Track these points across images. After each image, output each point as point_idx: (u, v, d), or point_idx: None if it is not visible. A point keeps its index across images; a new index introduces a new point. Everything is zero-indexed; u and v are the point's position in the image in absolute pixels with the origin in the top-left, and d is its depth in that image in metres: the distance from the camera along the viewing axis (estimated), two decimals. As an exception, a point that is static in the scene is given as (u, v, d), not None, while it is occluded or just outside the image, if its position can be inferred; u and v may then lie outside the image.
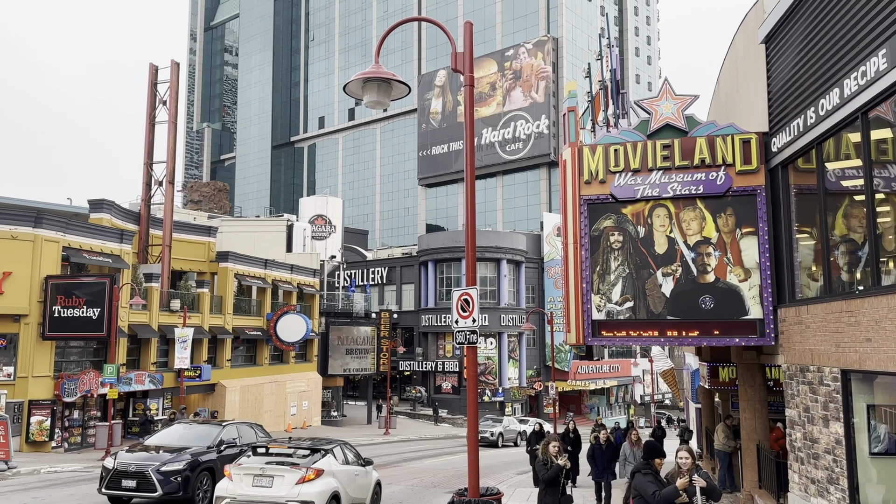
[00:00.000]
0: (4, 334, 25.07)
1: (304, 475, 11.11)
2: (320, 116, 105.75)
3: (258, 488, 11.01)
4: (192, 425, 15.92)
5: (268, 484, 11.05)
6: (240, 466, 11.47)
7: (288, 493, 10.86)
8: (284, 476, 11.10)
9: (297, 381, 41.05)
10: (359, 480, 12.65)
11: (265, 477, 11.14)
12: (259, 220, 57.07)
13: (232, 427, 15.66)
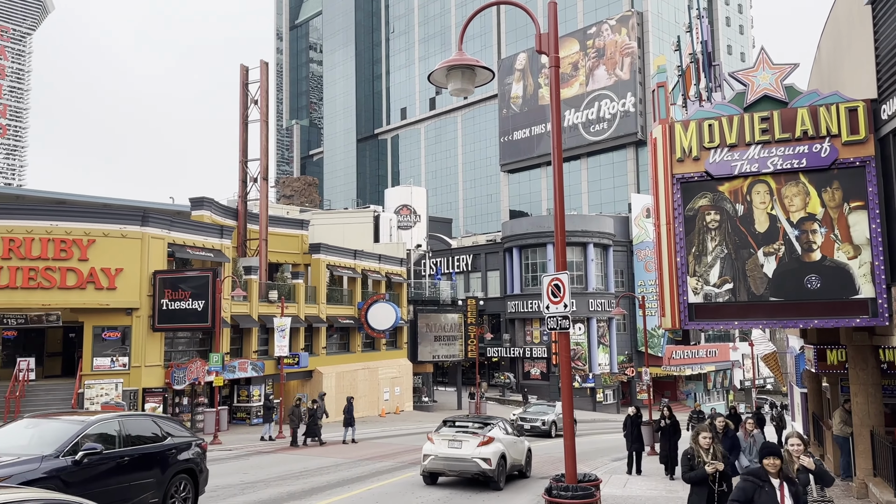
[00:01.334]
0: (118, 327, 26.96)
1: (481, 440, 15.17)
2: (402, 108, 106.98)
3: (452, 448, 15.17)
4: (39, 422, 10.12)
5: (458, 446, 15.17)
6: (438, 434, 15.72)
7: (472, 453, 14.93)
8: (469, 441, 15.18)
9: (388, 368, 42.00)
10: (517, 446, 16.82)
11: (456, 441, 15.27)
12: (347, 213, 58.53)
13: (110, 422, 10.04)
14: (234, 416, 31.42)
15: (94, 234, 26.39)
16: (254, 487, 14.81)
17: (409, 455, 21.31)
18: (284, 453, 21.94)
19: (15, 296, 25.28)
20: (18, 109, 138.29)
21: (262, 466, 18.41)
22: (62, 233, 25.94)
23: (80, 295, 25.99)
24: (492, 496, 14.32)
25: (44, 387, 26.61)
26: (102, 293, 26.28)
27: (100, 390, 25.92)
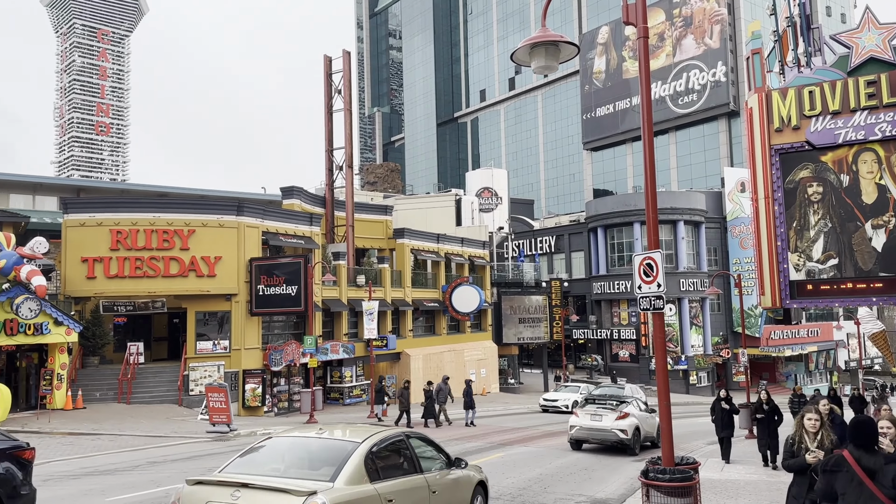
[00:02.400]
0: (218, 312, 28.40)
1: (619, 415, 18.02)
2: (481, 90, 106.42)
3: (594, 421, 18.09)
4: None
5: (598, 419, 18.05)
6: (582, 409, 18.72)
7: (611, 425, 17.78)
8: (608, 415, 18.08)
9: (473, 350, 42.30)
10: (649, 421, 19.12)
11: (597, 415, 18.13)
12: (429, 197, 59.01)
13: None
14: (328, 396, 32.55)
15: (193, 225, 27.83)
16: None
17: (526, 431, 21.59)
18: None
19: (124, 284, 27.07)
20: (120, 108, 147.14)
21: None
22: (164, 224, 27.49)
23: (183, 282, 27.53)
24: (627, 458, 17.19)
25: (152, 370, 28.45)
26: (203, 280, 27.73)
27: (203, 372, 27.46)
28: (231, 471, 6.87)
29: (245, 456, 7.25)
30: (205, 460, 15.91)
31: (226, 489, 6.32)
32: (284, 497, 6.08)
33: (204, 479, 6.62)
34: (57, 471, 14.40)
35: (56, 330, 23.78)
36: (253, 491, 6.19)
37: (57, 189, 42.38)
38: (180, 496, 6.58)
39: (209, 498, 6.32)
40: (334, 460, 6.82)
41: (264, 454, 7.27)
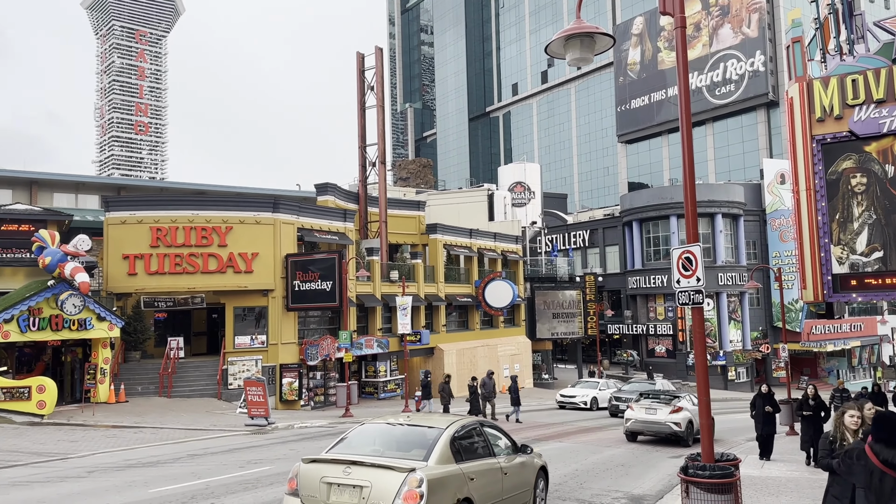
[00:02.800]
0: (255, 307, 28.84)
1: (672, 409, 18.88)
2: (513, 83, 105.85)
3: (648, 414, 19.02)
4: None
5: (653, 413, 18.92)
6: (637, 403, 19.75)
7: (665, 418, 18.63)
8: (662, 409, 18.97)
9: (507, 345, 42.22)
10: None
11: (651, 409, 19.09)
12: (461, 192, 58.97)
13: None
14: (363, 390, 32.83)
15: (231, 222, 28.28)
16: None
17: (561, 427, 21.51)
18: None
19: (164, 280, 27.66)
20: (158, 108, 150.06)
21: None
22: (203, 221, 27.99)
23: (221, 278, 28.01)
24: (664, 455, 17.12)
25: (192, 364, 29.03)
26: (241, 276, 28.18)
27: (241, 367, 27.93)
28: (336, 452, 7.88)
29: (343, 440, 8.24)
30: (244, 453, 16.20)
31: (337, 466, 7.39)
32: (389, 473, 7.16)
33: (318, 458, 7.68)
34: (102, 462, 14.81)
35: (99, 325, 24.43)
36: (361, 468, 7.27)
37: (98, 188, 43.49)
38: (298, 472, 7.63)
39: (324, 474, 7.41)
40: (423, 444, 7.86)
41: (360, 438, 8.25)
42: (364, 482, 7.15)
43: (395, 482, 7.08)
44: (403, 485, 7.04)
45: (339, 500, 7.21)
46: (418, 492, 7.00)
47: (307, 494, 7.43)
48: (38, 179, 40.52)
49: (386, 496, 7.02)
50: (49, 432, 19.37)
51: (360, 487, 7.14)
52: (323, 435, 20.09)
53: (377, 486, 7.10)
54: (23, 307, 22.70)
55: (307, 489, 7.45)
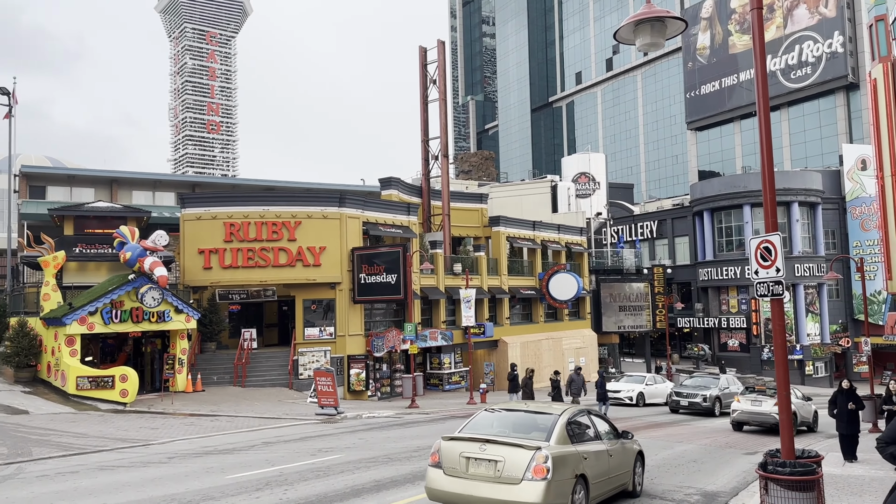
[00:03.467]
0: (323, 300, 29.48)
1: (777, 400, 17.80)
2: (577, 72, 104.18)
3: (754, 406, 20.56)
4: None
5: (758, 404, 20.54)
6: (744, 396, 21.36)
7: (770, 409, 19.87)
8: (767, 401, 20.38)
9: (572, 338, 41.75)
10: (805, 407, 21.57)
11: (757, 401, 20.67)
12: (524, 184, 58.56)
13: None
14: (428, 382, 33.13)
15: (299, 217, 28.99)
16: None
17: (629, 422, 21.25)
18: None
19: (237, 274, 28.61)
20: (228, 107, 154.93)
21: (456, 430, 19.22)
22: (273, 216, 28.79)
23: (291, 272, 28.76)
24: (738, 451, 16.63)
25: (264, 354, 29.94)
26: (309, 269, 28.86)
27: (311, 357, 28.64)
28: (467, 432, 9.19)
29: (470, 423, 9.53)
30: (315, 441, 16.62)
31: (473, 443, 8.71)
32: (519, 450, 8.46)
33: (455, 436, 9.00)
34: (181, 449, 15.47)
35: (177, 317, 25.49)
36: (495, 445, 8.58)
37: (174, 185, 45.31)
38: (440, 448, 8.97)
39: (462, 450, 8.73)
40: (543, 427, 9.13)
41: (484, 422, 9.55)
42: (498, 457, 8.43)
43: (524, 458, 8.35)
44: (532, 460, 8.30)
45: (477, 472, 8.52)
46: (545, 466, 8.25)
47: (449, 466, 8.76)
48: (118, 178, 42.53)
49: (517, 469, 8.31)
50: (131, 419, 20.37)
51: (495, 461, 8.43)
52: (391, 425, 20.39)
53: (509, 460, 8.38)
54: (106, 300, 23.91)
55: (448, 462, 8.78)
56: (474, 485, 8.47)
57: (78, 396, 23.01)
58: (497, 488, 8.33)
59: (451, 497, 8.70)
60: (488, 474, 8.45)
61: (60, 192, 40.48)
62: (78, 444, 15.65)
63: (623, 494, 10.71)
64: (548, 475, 8.21)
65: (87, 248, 29.30)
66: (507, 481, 8.32)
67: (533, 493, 8.15)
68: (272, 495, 10.68)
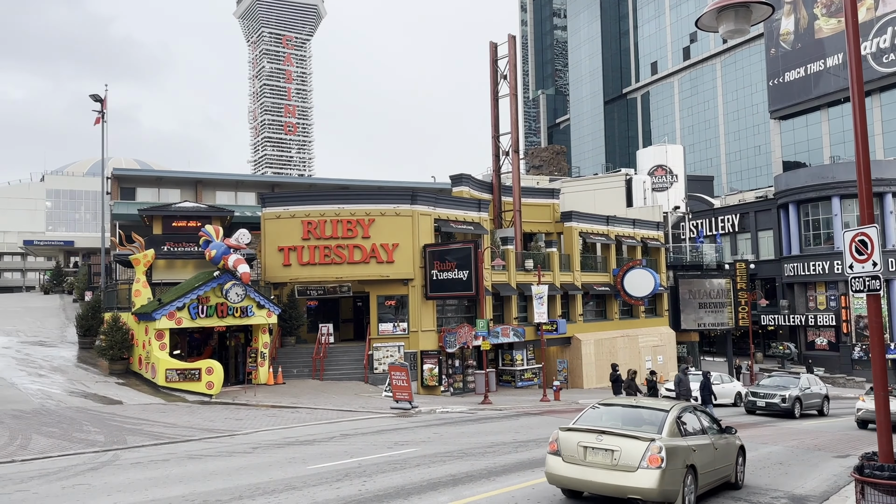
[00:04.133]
0: (396, 296, 29.89)
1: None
2: (652, 62, 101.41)
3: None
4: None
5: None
6: (868, 395, 21.05)
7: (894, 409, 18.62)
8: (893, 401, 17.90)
9: (648, 336, 40.76)
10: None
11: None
12: (597, 178, 57.53)
13: None
14: (500, 378, 33.09)
15: (373, 214, 29.50)
16: (526, 446, 15.47)
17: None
18: (560, 415, 22.52)
19: (314, 271, 29.39)
20: (304, 109, 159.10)
21: (531, 427, 19.15)
22: (348, 214, 29.42)
23: (365, 268, 29.32)
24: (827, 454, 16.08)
25: (341, 349, 30.65)
26: (383, 266, 29.34)
27: (385, 352, 29.12)
28: (582, 423, 9.96)
29: (583, 416, 10.33)
30: (391, 435, 16.90)
31: (590, 434, 9.49)
32: (634, 441, 9.19)
33: (572, 427, 9.82)
34: (264, 440, 16.05)
35: (259, 312, 26.42)
36: (611, 436, 9.35)
37: (254, 185, 46.94)
38: (558, 437, 9.80)
39: (580, 439, 9.52)
40: (653, 421, 9.84)
41: (596, 415, 10.31)
42: (614, 447, 9.18)
43: (640, 448, 9.08)
44: (647, 450, 9.02)
45: (594, 460, 9.29)
46: (659, 456, 8.95)
47: (567, 454, 9.58)
48: (202, 179, 44.42)
49: (633, 458, 9.04)
50: (217, 410, 21.27)
51: (612, 451, 9.19)
52: (464, 421, 20.50)
53: (625, 450, 9.11)
54: (193, 296, 25.04)
55: (566, 450, 9.61)
56: (592, 471, 9.27)
57: (167, 388, 24.22)
58: (614, 475, 9.09)
59: (571, 482, 9.57)
60: (605, 462, 9.20)
61: (149, 193, 42.65)
62: (168, 434, 16.48)
63: (726, 486, 11.30)
64: (662, 464, 8.92)
65: (175, 247, 30.75)
66: (623, 469, 9.06)
67: (649, 479, 8.90)
68: (352, 486, 10.93)
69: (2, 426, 16.84)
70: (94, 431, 16.49)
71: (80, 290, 41.56)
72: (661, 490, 8.93)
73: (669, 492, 9.07)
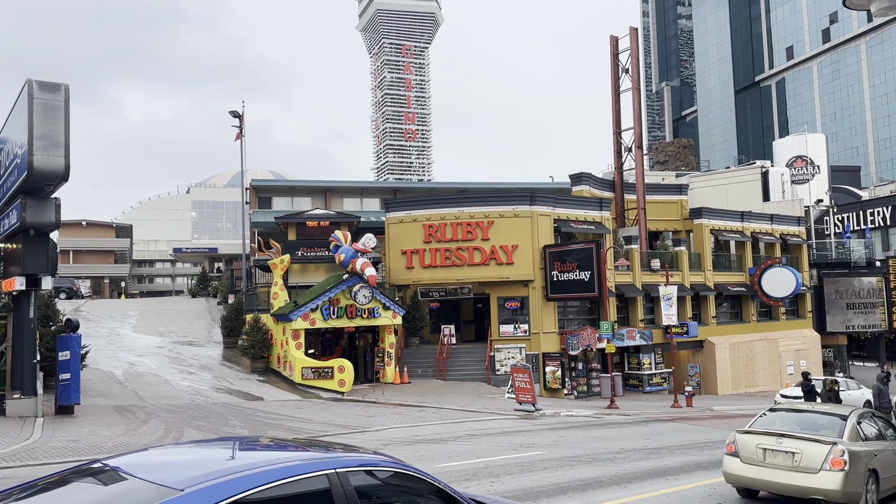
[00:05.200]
0: (516, 297, 29.81)
1: None
2: (787, 47, 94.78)
3: None
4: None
5: None
6: None
7: None
8: None
9: (790, 339, 38.07)
10: None
11: None
12: (728, 172, 54.47)
13: None
14: (626, 382, 32.12)
15: (492, 216, 29.63)
16: (658, 453, 14.93)
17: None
18: (694, 423, 21.59)
19: (436, 273, 29.96)
20: (423, 115, 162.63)
21: (662, 434, 18.44)
22: (467, 217, 29.74)
23: (485, 270, 29.50)
24: None
25: (463, 350, 31.02)
26: (502, 268, 29.39)
27: (507, 354, 29.14)
28: (758, 427, 10.34)
29: (758, 420, 10.72)
30: (516, 436, 16.89)
31: (768, 437, 9.84)
32: (815, 444, 9.44)
33: (749, 430, 10.29)
34: (394, 437, 16.55)
35: (385, 314, 27.31)
36: (790, 439, 9.64)
37: (378, 192, 48.58)
38: (735, 440, 10.17)
39: (758, 442, 9.87)
40: (832, 425, 10.08)
41: (770, 420, 10.59)
42: (795, 450, 9.47)
43: (821, 451, 9.30)
44: (829, 453, 9.22)
45: (774, 461, 9.61)
46: (842, 459, 9.16)
47: (746, 456, 9.93)
48: (331, 187, 46.54)
49: (815, 461, 9.29)
50: (349, 407, 22.19)
51: (792, 453, 9.48)
52: (590, 425, 20.09)
53: (807, 453, 9.38)
54: (325, 298, 26.30)
55: (745, 452, 9.96)
56: (772, 472, 9.60)
57: (303, 385, 25.58)
58: (795, 476, 9.39)
59: (750, 481, 9.97)
60: (785, 464, 9.50)
61: (283, 201, 45.26)
62: (305, 429, 17.40)
63: None
64: (845, 467, 9.11)
65: (308, 252, 32.46)
66: (805, 470, 9.31)
67: (832, 481, 9.12)
68: (480, 486, 11.02)
69: (158, 419, 18.51)
70: (239, 426, 17.72)
71: (223, 293, 44.82)
72: (845, 492, 9.11)
73: (853, 494, 9.21)
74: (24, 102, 16.79)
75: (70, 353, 19.04)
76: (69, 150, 16.92)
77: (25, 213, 17.18)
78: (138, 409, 20.45)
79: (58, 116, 16.84)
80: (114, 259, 74.44)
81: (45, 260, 18.20)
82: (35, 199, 17.43)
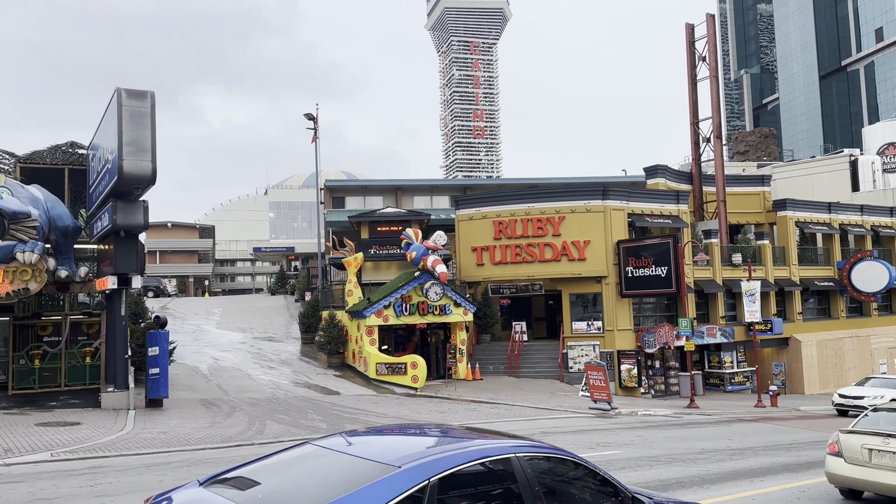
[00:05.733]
0: (589, 294, 29.29)
1: None
2: (876, 28, 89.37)
3: None
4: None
5: None
6: None
7: None
8: None
9: (883, 336, 35.95)
10: None
11: None
12: (814, 161, 51.89)
13: None
14: (706, 381, 31.08)
15: (563, 212, 29.23)
16: (741, 454, 14.36)
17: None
18: (779, 423, 20.70)
19: (506, 270, 29.83)
20: (491, 112, 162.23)
21: (745, 434, 17.73)
22: (537, 213, 29.45)
23: (556, 266, 29.15)
24: None
25: (534, 347, 30.75)
26: (574, 264, 28.96)
27: (580, 351, 28.69)
28: (861, 427, 10.07)
29: (860, 420, 10.40)
30: (592, 435, 16.60)
31: (875, 437, 9.59)
32: None
33: (853, 430, 10.04)
34: (466, 432, 16.55)
35: (456, 311, 27.40)
36: None
37: (447, 189, 48.80)
38: (838, 440, 9.99)
39: (864, 442, 9.65)
40: None
41: (875, 420, 10.23)
42: None
43: None
44: None
45: (881, 462, 9.38)
46: None
47: (850, 456, 9.76)
48: (401, 186, 47.09)
49: None
50: (422, 403, 22.38)
51: None
52: (669, 424, 19.53)
53: None
54: (397, 295, 26.62)
55: (849, 452, 9.78)
56: (880, 473, 9.37)
57: (377, 380, 26.00)
58: None
59: (855, 482, 9.77)
60: (893, 465, 9.25)
61: (356, 201, 46.13)
62: (381, 423, 17.65)
63: None
64: None
65: (380, 249, 32.94)
66: None
67: None
68: (554, 484, 10.88)
69: (242, 412, 19.19)
70: (318, 419, 18.16)
71: (300, 290, 46.09)
72: None
73: None
74: (114, 110, 17.72)
75: (159, 348, 20.00)
76: (156, 154, 17.75)
77: (116, 215, 18.14)
78: (222, 402, 21.27)
79: (144, 122, 17.68)
80: (197, 259, 77.77)
81: (134, 260, 19.17)
82: (125, 202, 18.38)
